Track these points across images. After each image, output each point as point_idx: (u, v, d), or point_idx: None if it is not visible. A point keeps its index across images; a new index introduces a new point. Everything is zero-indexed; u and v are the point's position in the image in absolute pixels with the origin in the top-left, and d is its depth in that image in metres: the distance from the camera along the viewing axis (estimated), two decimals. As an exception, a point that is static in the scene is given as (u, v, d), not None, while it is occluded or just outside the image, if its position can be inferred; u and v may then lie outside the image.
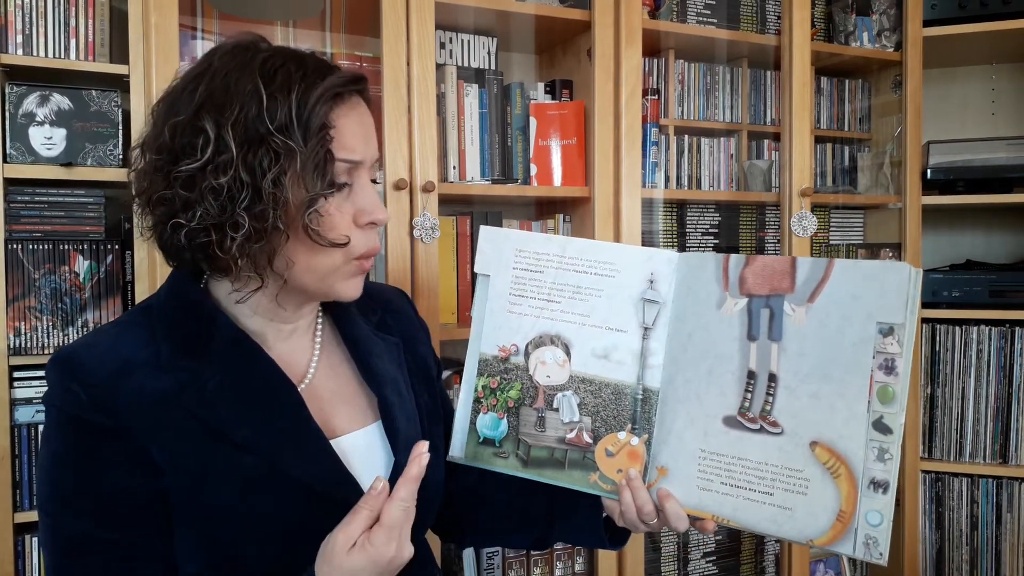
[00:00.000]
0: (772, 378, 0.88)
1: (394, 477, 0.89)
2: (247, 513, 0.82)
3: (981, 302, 2.10)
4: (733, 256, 0.91)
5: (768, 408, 0.88)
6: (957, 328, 2.14)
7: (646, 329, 0.94)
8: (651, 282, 0.93)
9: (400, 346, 1.01)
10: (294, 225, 0.80)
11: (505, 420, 0.98)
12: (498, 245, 0.99)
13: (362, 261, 0.87)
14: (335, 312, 0.98)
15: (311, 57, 0.84)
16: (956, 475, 2.15)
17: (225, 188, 0.77)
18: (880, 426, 0.83)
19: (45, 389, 0.83)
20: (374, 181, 0.89)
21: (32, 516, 1.46)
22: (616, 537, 1.03)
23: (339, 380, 0.95)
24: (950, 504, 2.16)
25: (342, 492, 0.85)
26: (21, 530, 1.47)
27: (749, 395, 0.89)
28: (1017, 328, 2.09)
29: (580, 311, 0.96)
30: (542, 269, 0.97)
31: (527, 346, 0.98)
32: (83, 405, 0.80)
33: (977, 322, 2.12)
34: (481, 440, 0.99)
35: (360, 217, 0.85)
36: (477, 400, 1.00)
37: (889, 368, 0.82)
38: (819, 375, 0.85)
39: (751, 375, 0.89)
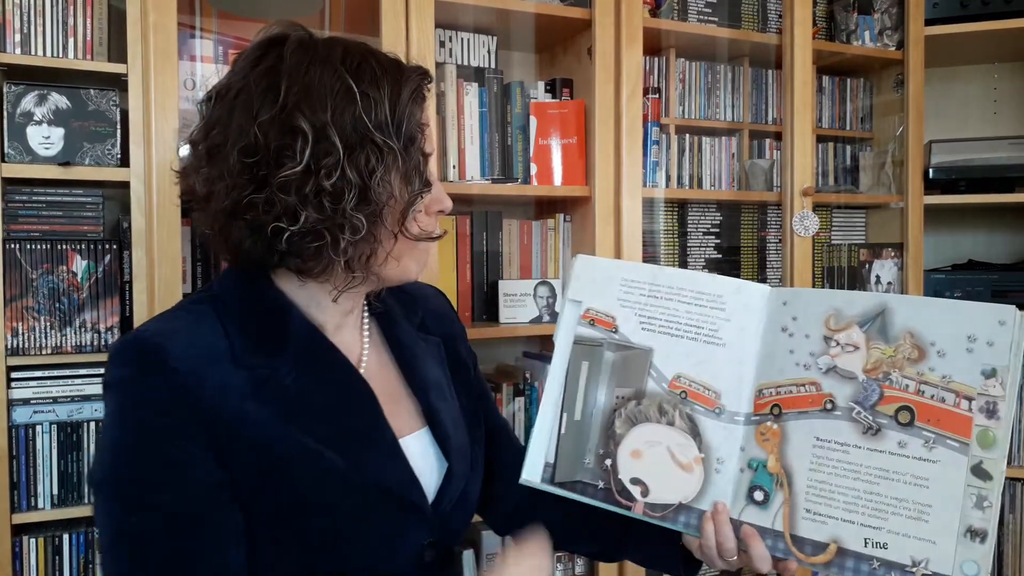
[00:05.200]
0: None
1: (446, 484, 0.89)
2: (320, 508, 0.79)
3: (983, 302, 2.08)
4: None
5: None
6: (959, 328, 2.12)
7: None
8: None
9: (441, 346, 1.00)
10: (397, 224, 0.81)
11: None
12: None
13: (431, 244, 0.88)
14: (379, 315, 0.96)
15: (379, 52, 0.83)
16: (958, 476, 2.14)
17: (332, 190, 0.75)
18: (979, 471, 0.79)
19: (109, 371, 0.77)
20: None
21: (29, 517, 1.45)
22: (691, 566, 0.97)
23: (387, 383, 0.93)
24: (952, 505, 2.15)
25: (410, 494, 0.84)
26: (19, 531, 1.47)
27: None
28: (1019, 328, 2.07)
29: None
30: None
31: None
32: (163, 398, 0.75)
33: (979, 322, 2.11)
34: None
35: (432, 206, 0.86)
36: None
37: (991, 412, 0.79)
38: None
39: None
